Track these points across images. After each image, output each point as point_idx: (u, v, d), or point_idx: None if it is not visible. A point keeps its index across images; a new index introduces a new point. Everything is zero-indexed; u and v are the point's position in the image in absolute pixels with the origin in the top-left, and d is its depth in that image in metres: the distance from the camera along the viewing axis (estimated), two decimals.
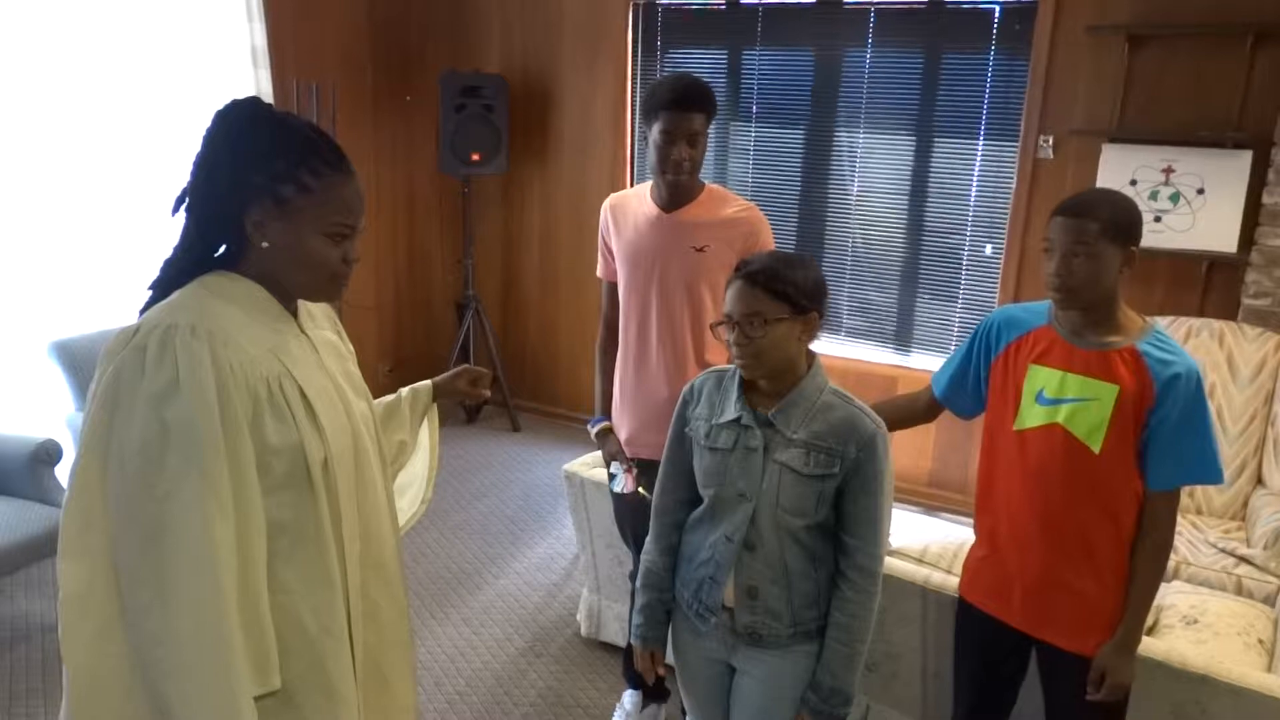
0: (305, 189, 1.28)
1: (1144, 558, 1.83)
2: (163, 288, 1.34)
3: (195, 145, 1.34)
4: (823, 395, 1.77)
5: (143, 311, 1.33)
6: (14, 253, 3.62)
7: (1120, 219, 1.77)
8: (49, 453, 3.22)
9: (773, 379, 1.78)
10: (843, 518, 1.76)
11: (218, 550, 1.20)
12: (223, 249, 1.36)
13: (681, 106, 2.27)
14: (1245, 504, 3.33)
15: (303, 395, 1.34)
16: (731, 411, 1.80)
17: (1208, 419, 1.78)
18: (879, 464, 1.73)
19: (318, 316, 1.51)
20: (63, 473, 3.30)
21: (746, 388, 1.82)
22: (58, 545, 1.24)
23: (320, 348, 1.44)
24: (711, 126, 2.37)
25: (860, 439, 1.72)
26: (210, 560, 1.20)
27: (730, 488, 1.79)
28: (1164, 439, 1.77)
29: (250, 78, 4.27)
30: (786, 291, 1.72)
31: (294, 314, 1.41)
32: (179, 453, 1.19)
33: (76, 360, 3.50)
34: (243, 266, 1.34)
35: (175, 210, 1.36)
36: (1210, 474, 1.80)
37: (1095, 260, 1.75)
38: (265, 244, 1.30)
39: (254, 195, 1.28)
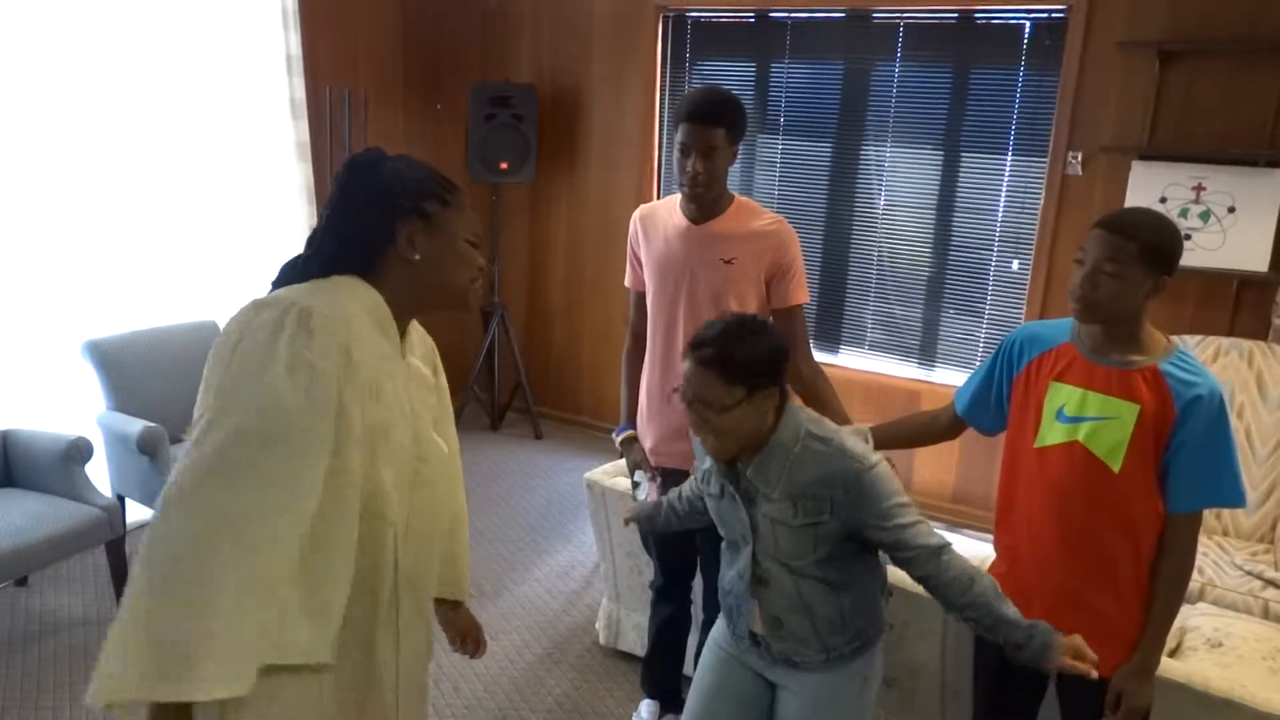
0: (446, 204, 1.45)
1: (1164, 580, 1.81)
2: (286, 284, 1.41)
3: (233, 151, 1.39)
4: (799, 444, 1.71)
5: None
6: (49, 253, 3.69)
7: (1161, 245, 1.74)
8: (80, 450, 3.27)
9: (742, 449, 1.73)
10: (876, 541, 1.72)
11: (273, 538, 1.22)
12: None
13: (698, 120, 2.26)
14: (1274, 526, 3.29)
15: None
16: (710, 464, 1.81)
17: (1230, 441, 1.75)
18: (880, 501, 1.67)
19: (417, 348, 1.57)
20: (93, 470, 3.35)
21: None
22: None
23: (412, 373, 1.51)
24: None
25: (845, 482, 1.67)
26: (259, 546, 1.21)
27: (732, 530, 1.82)
28: (1185, 460, 1.75)
29: (284, 85, 4.34)
30: (740, 375, 1.63)
31: (402, 336, 1.49)
32: (291, 426, 1.23)
33: (109, 359, 3.57)
34: (374, 278, 1.42)
35: (309, 251, 1.43)
36: (1232, 497, 1.77)
37: (1123, 280, 1.73)
38: (417, 256, 1.41)
39: (402, 214, 1.41)
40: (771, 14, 4.53)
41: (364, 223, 1.40)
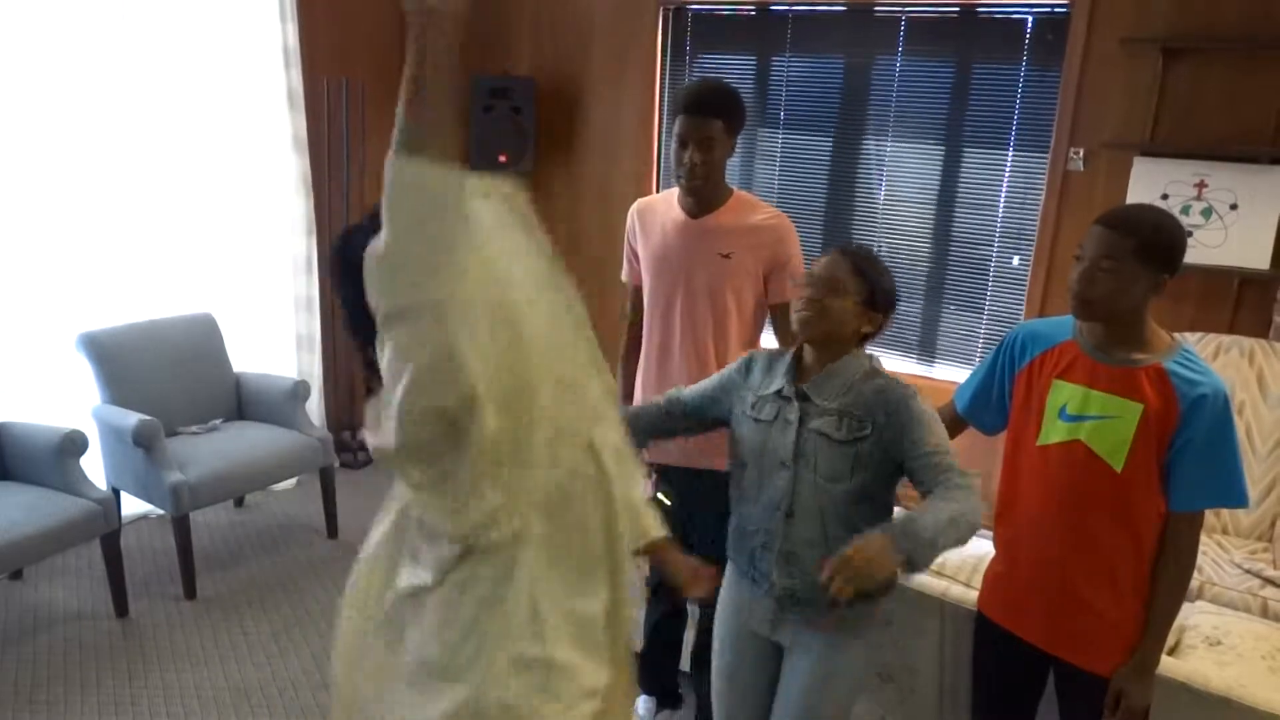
0: None
1: (1165, 579, 1.80)
2: None
3: (230, 143, 1.35)
4: (862, 373, 1.87)
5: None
6: (45, 246, 3.67)
7: (1160, 243, 1.72)
8: (75, 443, 3.26)
9: (821, 347, 1.87)
10: (909, 469, 1.80)
11: None
12: None
13: (695, 111, 2.26)
14: (1273, 524, 3.28)
15: None
16: (776, 384, 1.91)
17: (1234, 441, 1.74)
18: (914, 411, 1.79)
19: None
20: (88, 463, 3.33)
21: (796, 364, 1.92)
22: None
23: None
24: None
25: (888, 404, 1.80)
26: None
27: (771, 457, 1.87)
28: (1188, 460, 1.74)
29: (281, 76, 4.31)
30: (868, 276, 1.85)
31: None
32: None
33: (104, 352, 3.55)
34: None
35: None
36: (1235, 497, 1.76)
37: (1120, 278, 1.71)
38: None
39: None
40: (772, 7, 4.50)
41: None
